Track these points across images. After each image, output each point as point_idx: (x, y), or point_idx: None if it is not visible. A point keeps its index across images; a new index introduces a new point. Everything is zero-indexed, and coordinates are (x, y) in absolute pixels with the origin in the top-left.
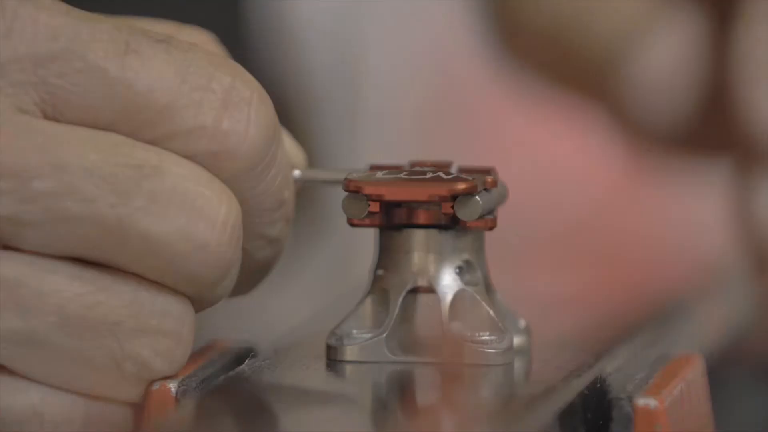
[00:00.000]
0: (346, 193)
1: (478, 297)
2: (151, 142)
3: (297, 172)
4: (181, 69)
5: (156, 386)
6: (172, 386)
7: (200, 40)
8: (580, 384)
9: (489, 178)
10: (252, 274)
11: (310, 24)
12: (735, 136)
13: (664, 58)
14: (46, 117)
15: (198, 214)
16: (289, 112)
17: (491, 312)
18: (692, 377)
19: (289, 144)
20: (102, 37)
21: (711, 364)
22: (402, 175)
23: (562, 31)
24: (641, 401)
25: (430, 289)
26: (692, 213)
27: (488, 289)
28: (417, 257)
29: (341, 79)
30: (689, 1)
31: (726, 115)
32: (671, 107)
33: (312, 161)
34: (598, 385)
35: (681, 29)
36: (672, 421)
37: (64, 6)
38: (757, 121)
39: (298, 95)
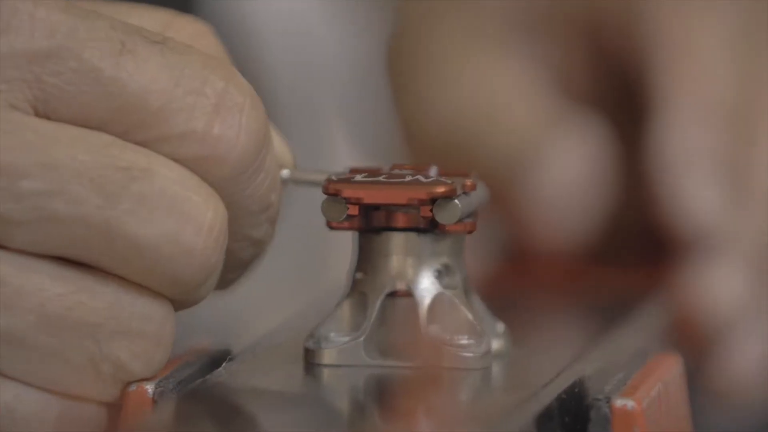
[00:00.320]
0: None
1: (456, 301)
2: (142, 144)
3: (285, 172)
4: (175, 72)
5: (133, 387)
6: (149, 387)
7: (196, 30)
8: (558, 387)
9: (468, 182)
10: (233, 272)
11: (267, 23)
12: (662, 235)
13: (565, 171)
14: (37, 114)
15: (185, 219)
16: None
17: (470, 316)
18: (670, 378)
19: (278, 143)
20: (98, 35)
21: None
22: (381, 178)
23: (459, 142)
24: (619, 402)
25: (409, 293)
26: None
27: (467, 292)
28: (396, 260)
29: (300, 79)
30: (594, 110)
31: (648, 218)
32: (575, 220)
33: None
34: (576, 389)
35: (582, 141)
36: (650, 421)
37: (63, 2)
38: (690, 213)
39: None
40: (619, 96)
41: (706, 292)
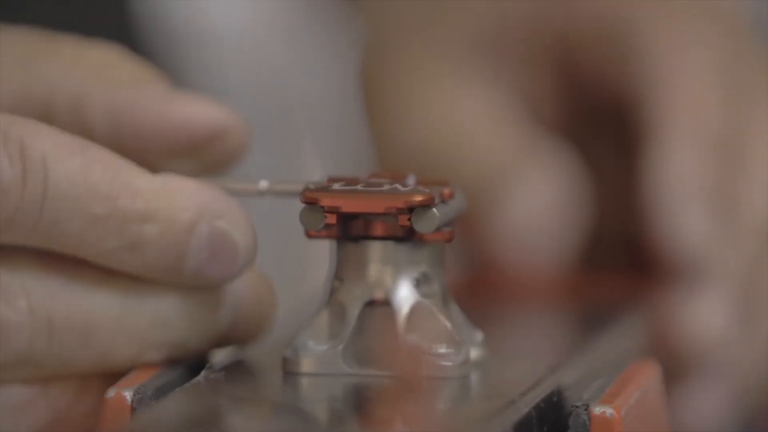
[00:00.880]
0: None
1: (434, 309)
2: None
3: (264, 183)
4: None
5: (111, 394)
6: (128, 394)
7: (107, 60)
8: (536, 395)
9: (446, 190)
10: None
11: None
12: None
13: (533, 202)
14: None
15: None
16: None
17: (448, 324)
18: (649, 384)
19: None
20: None
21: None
22: (359, 187)
23: (428, 165)
24: (597, 409)
25: (387, 302)
26: None
27: (445, 301)
28: (374, 269)
29: (266, 93)
30: (564, 135)
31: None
32: (543, 251)
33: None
34: (555, 397)
35: (550, 169)
36: (629, 429)
37: None
38: (680, 242)
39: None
40: (594, 121)
41: (688, 321)
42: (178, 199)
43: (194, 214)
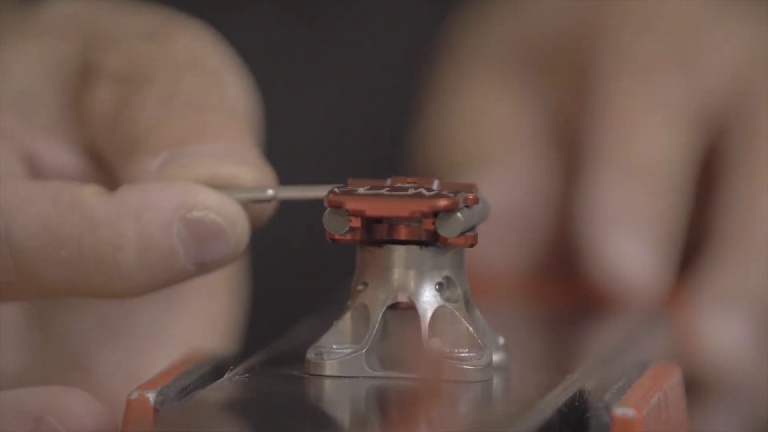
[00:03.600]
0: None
1: (457, 313)
2: None
3: (270, 192)
4: None
5: (134, 395)
6: (151, 396)
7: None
8: (558, 400)
9: (470, 195)
10: None
11: None
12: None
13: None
14: None
15: None
16: None
17: (471, 329)
18: (669, 386)
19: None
20: None
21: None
22: (383, 191)
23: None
24: (619, 411)
25: (410, 305)
26: None
27: (468, 305)
28: (397, 273)
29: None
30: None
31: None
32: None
33: None
34: (576, 400)
35: (524, 174)
36: (649, 430)
37: None
38: (612, 270)
39: None
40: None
41: (708, 338)
42: (142, 214)
43: (164, 222)
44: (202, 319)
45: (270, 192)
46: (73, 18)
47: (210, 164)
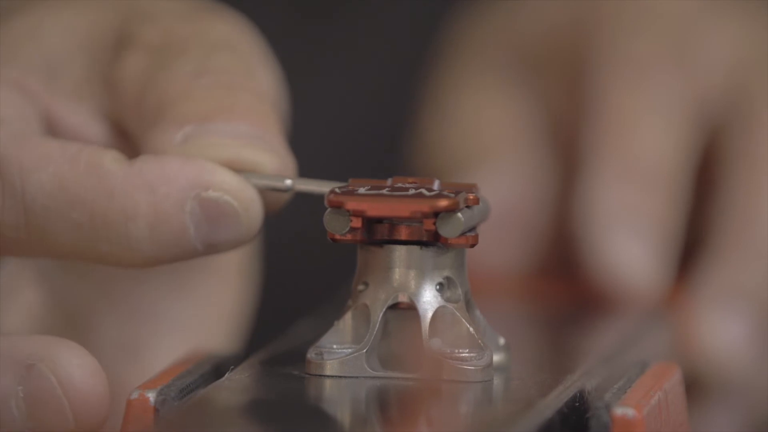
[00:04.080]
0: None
1: (458, 314)
2: None
3: (288, 182)
4: None
5: (134, 395)
6: (151, 395)
7: (230, 28)
8: (559, 400)
9: (471, 195)
10: None
11: None
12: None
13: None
14: None
15: None
16: None
17: (471, 329)
18: (670, 386)
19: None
20: None
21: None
22: (384, 191)
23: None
24: (619, 411)
25: (411, 305)
26: None
27: (469, 306)
28: (398, 273)
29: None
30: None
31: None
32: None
33: None
34: (577, 403)
35: (521, 174)
36: (650, 430)
37: None
38: (611, 268)
39: None
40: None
41: (707, 340)
42: (158, 187)
43: (178, 198)
44: (209, 305)
45: (288, 182)
46: None
47: (233, 146)
